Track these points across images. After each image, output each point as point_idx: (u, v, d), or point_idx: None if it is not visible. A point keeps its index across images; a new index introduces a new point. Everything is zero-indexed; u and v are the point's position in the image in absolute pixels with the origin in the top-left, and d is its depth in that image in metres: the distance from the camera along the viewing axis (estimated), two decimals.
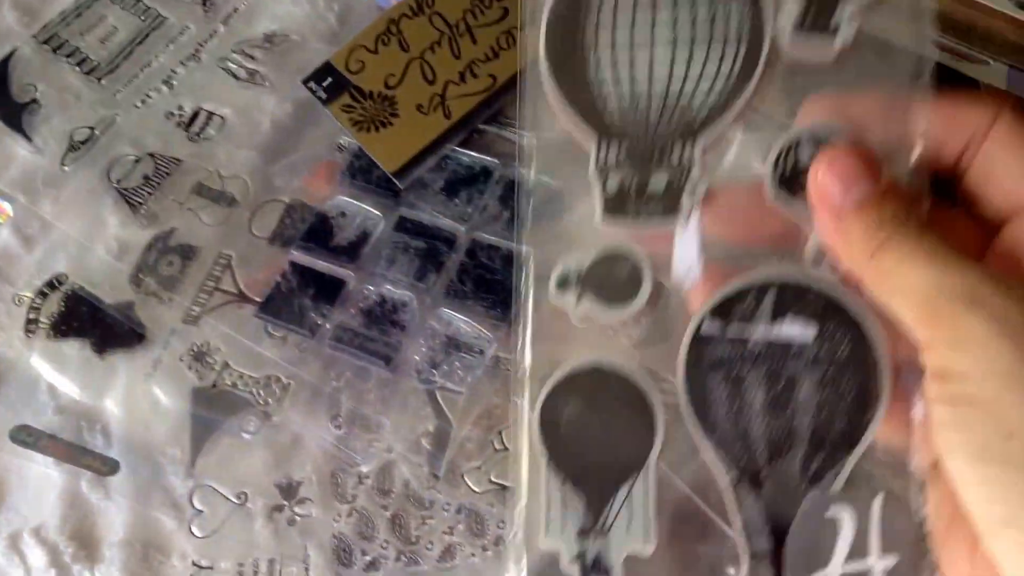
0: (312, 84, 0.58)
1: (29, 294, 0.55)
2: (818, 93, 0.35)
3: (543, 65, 0.37)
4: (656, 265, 0.36)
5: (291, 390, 0.53)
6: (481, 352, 0.52)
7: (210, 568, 0.50)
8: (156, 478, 0.52)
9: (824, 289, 0.35)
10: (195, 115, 0.60)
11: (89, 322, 0.54)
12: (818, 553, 0.35)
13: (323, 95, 0.58)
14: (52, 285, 0.55)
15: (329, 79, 0.58)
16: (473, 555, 0.45)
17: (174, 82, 0.60)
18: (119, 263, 0.55)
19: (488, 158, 0.57)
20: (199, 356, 0.54)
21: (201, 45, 0.61)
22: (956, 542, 0.32)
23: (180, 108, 0.60)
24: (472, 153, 0.57)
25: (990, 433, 0.28)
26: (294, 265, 0.55)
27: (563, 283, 0.37)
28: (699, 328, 0.36)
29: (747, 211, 0.35)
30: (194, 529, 0.51)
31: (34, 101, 0.60)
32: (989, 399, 0.28)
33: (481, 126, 0.57)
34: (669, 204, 0.36)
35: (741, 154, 0.36)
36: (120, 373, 0.54)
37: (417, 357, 0.53)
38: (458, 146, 0.57)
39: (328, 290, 0.54)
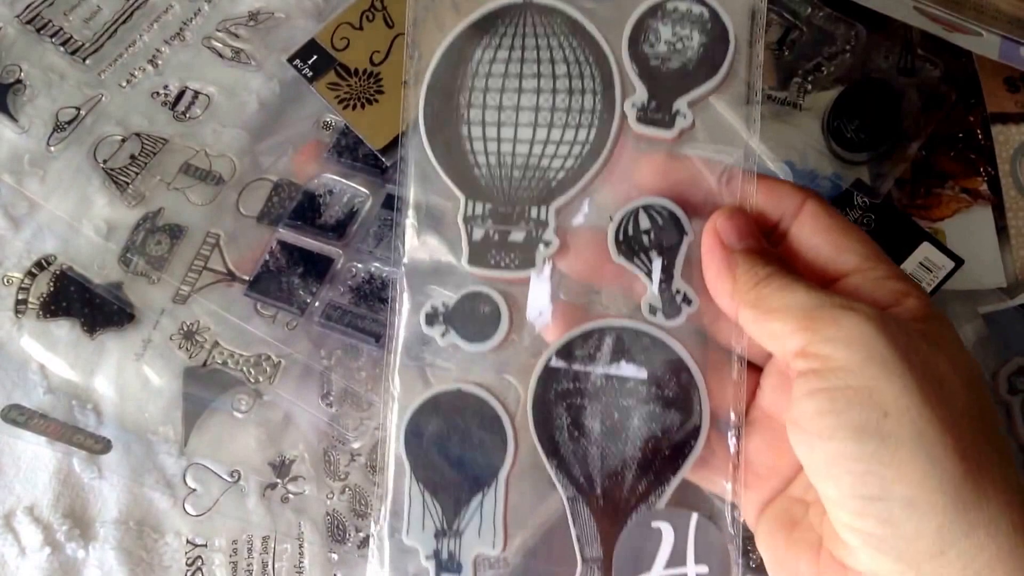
0: (297, 62, 0.58)
1: (18, 275, 0.55)
2: (651, 164, 0.41)
3: (421, 129, 0.43)
4: (513, 306, 0.42)
5: (282, 368, 0.53)
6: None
7: (204, 546, 0.51)
8: (149, 457, 0.52)
9: (657, 336, 0.41)
10: (181, 94, 0.59)
11: (78, 302, 0.55)
12: (642, 560, 0.40)
13: (309, 73, 0.58)
14: (41, 265, 0.56)
15: (314, 57, 0.58)
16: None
17: (159, 61, 0.60)
18: (107, 243, 0.55)
19: None
20: (189, 335, 0.54)
21: (185, 24, 0.61)
22: (799, 557, 0.37)
23: (165, 87, 0.60)
24: None
25: (868, 413, 0.33)
26: (282, 243, 0.56)
27: (431, 318, 0.42)
28: (547, 363, 0.41)
29: (595, 266, 0.41)
30: (188, 507, 0.52)
31: (19, 82, 0.59)
32: (867, 385, 0.33)
33: None
34: (526, 255, 0.42)
35: (589, 215, 0.42)
36: (110, 353, 0.54)
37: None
38: None
39: (317, 268, 0.55)
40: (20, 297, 0.55)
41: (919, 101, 0.56)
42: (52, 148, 0.58)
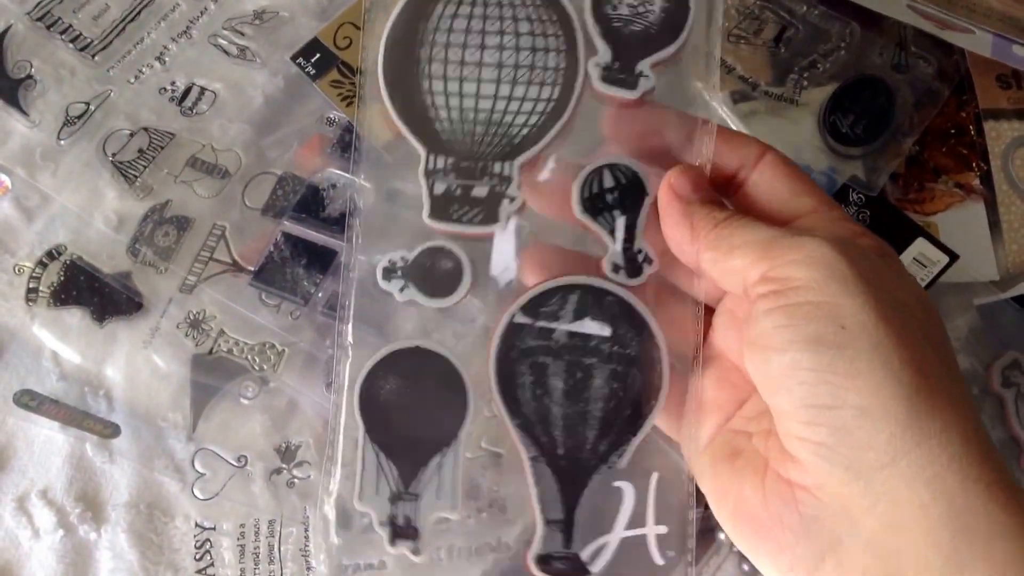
0: (301, 60, 0.60)
1: (29, 264, 0.56)
2: (619, 125, 0.42)
3: (381, 79, 0.42)
4: (476, 262, 0.42)
5: (286, 356, 0.54)
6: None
7: (213, 529, 0.52)
8: (158, 442, 0.54)
9: (619, 295, 0.41)
10: (188, 90, 0.61)
11: (88, 291, 0.56)
12: (603, 521, 0.40)
13: (312, 71, 0.59)
14: (52, 255, 0.57)
15: (317, 55, 0.60)
16: (469, 517, 0.46)
17: (166, 58, 0.62)
18: (117, 234, 0.57)
19: None
20: (196, 323, 0.55)
21: (192, 22, 0.62)
22: (743, 483, 0.37)
23: (173, 84, 0.61)
24: None
25: (826, 325, 0.34)
26: (287, 235, 0.57)
27: (389, 272, 0.42)
28: (512, 319, 0.41)
29: (552, 254, 0.42)
30: (196, 491, 0.53)
31: (29, 77, 0.61)
32: (826, 300, 0.34)
33: None
34: (489, 210, 0.42)
35: (555, 172, 0.42)
36: (120, 340, 0.55)
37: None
38: None
39: (320, 259, 0.56)
40: (31, 286, 0.56)
41: (913, 97, 0.57)
42: (62, 142, 0.59)
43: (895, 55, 0.58)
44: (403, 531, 0.41)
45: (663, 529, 0.40)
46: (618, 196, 0.41)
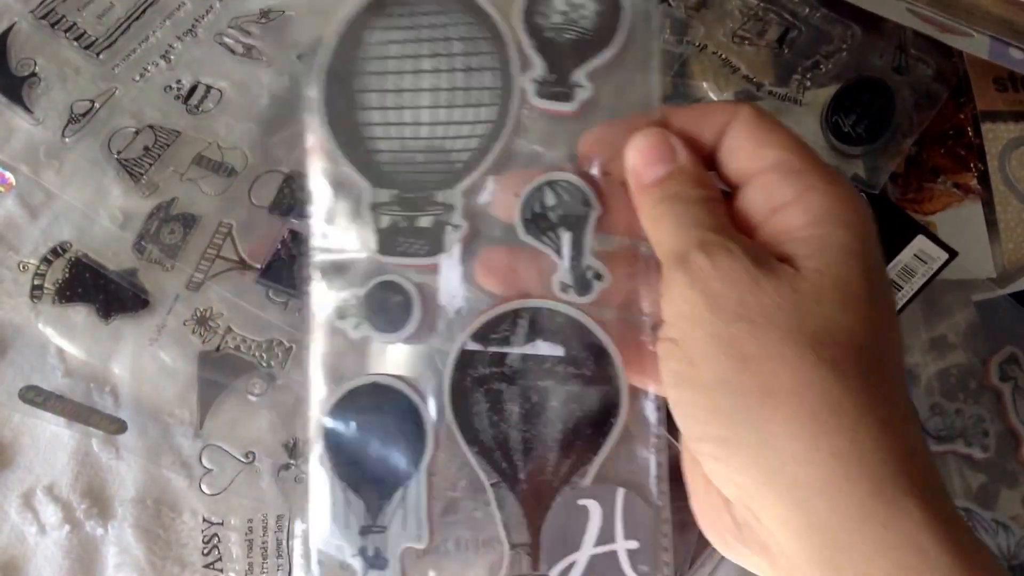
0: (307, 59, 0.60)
1: (34, 261, 0.56)
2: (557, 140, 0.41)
3: (321, 115, 0.42)
4: (424, 293, 0.41)
5: (293, 353, 0.54)
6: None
7: (220, 524, 0.52)
8: (165, 438, 0.53)
9: (570, 314, 0.40)
10: (193, 89, 0.61)
11: (93, 288, 0.56)
12: (570, 540, 0.39)
13: None
14: (56, 252, 0.57)
15: None
16: (476, 511, 0.47)
17: (172, 57, 0.62)
18: (122, 231, 0.57)
19: None
20: (202, 320, 0.55)
21: (198, 20, 0.62)
22: (697, 477, 0.37)
23: (178, 82, 0.61)
24: None
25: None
26: (294, 233, 0.57)
27: (342, 311, 0.41)
28: (463, 347, 0.40)
29: (504, 252, 0.41)
30: (204, 487, 0.53)
31: (33, 74, 0.60)
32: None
33: None
34: (435, 240, 0.41)
35: (496, 195, 0.41)
36: (126, 338, 0.55)
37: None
38: None
39: None
40: (36, 283, 0.56)
41: (912, 99, 0.58)
42: (67, 139, 0.59)
43: (895, 57, 0.58)
44: (374, 562, 0.41)
45: (634, 544, 0.39)
46: (561, 213, 0.40)
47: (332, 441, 0.41)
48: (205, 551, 0.52)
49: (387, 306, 0.41)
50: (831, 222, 0.35)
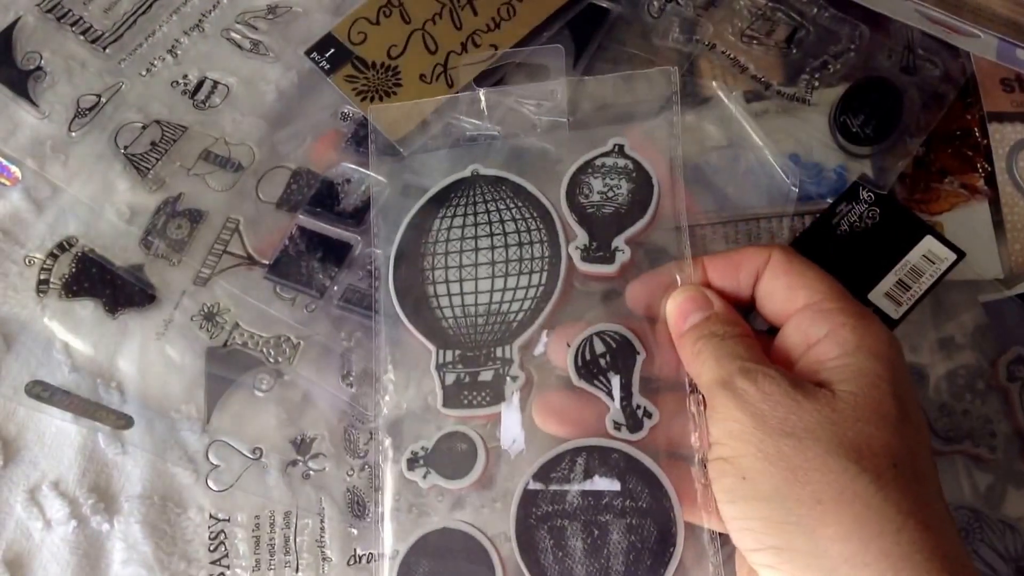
0: (315, 55, 0.60)
1: (40, 255, 0.56)
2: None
3: (392, 294, 0.49)
4: (488, 440, 0.46)
5: (301, 349, 0.54)
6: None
7: (227, 520, 0.52)
8: (171, 434, 0.53)
9: (624, 450, 0.44)
10: (200, 84, 0.61)
11: (100, 283, 0.56)
12: None
13: (326, 65, 0.59)
14: (62, 247, 0.56)
15: (332, 50, 0.60)
16: (483, 507, 0.47)
17: (178, 51, 0.61)
18: (129, 226, 0.56)
19: (490, 126, 0.58)
20: (210, 316, 0.55)
21: (205, 16, 0.62)
22: None
23: (185, 77, 0.61)
24: (475, 121, 0.58)
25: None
26: (301, 229, 0.57)
27: (412, 463, 0.46)
28: (526, 487, 0.44)
29: (560, 396, 0.46)
30: (210, 483, 0.52)
31: (39, 68, 0.60)
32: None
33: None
34: (496, 391, 0.46)
35: (550, 346, 0.47)
36: (132, 333, 0.55)
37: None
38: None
39: (335, 253, 0.56)
40: (42, 277, 0.56)
41: (920, 99, 0.58)
42: (73, 133, 0.59)
43: (903, 57, 0.58)
44: None
45: None
46: (610, 359, 0.45)
47: None
48: (211, 547, 0.52)
49: (454, 454, 0.46)
50: (862, 353, 0.39)
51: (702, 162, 0.57)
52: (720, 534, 0.42)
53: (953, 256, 0.55)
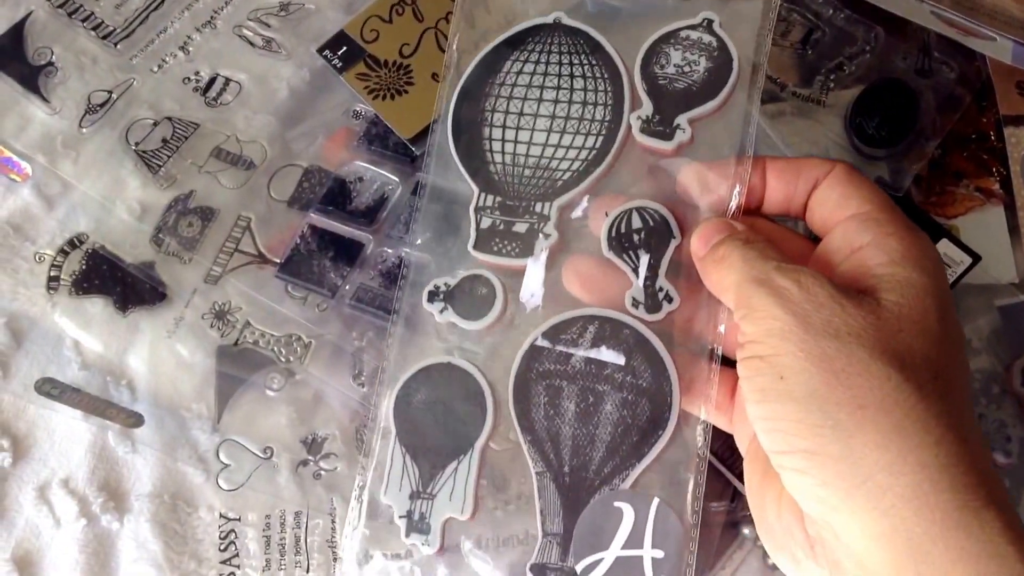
0: (327, 53, 0.59)
1: (50, 252, 0.56)
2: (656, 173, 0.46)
3: (448, 126, 0.48)
4: (509, 290, 0.46)
5: (312, 348, 0.54)
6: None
7: (237, 520, 0.52)
8: (182, 432, 0.53)
9: (637, 328, 0.43)
10: (212, 81, 0.60)
11: (111, 280, 0.55)
12: (601, 538, 0.42)
13: (338, 63, 0.59)
14: (73, 244, 0.56)
15: (344, 48, 0.59)
16: (496, 508, 0.46)
17: (190, 48, 0.61)
18: (140, 224, 0.56)
19: None
20: (221, 314, 0.55)
21: (217, 12, 0.62)
22: (766, 496, 0.40)
23: (197, 74, 0.60)
24: None
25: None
26: (313, 228, 0.56)
27: (433, 296, 0.46)
28: (533, 342, 0.44)
29: (590, 262, 0.45)
30: (221, 482, 0.52)
31: (50, 64, 0.60)
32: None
33: None
34: (526, 244, 0.46)
35: (589, 212, 0.46)
36: (143, 330, 0.55)
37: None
38: None
39: (347, 252, 0.56)
40: (52, 274, 0.55)
41: (935, 102, 0.57)
42: (84, 130, 0.58)
43: (919, 60, 0.58)
44: (417, 526, 0.44)
45: (659, 553, 0.42)
46: (644, 236, 0.44)
47: (401, 410, 0.45)
48: (222, 547, 0.51)
49: (474, 296, 0.46)
50: (908, 263, 0.38)
51: None
52: (714, 428, 0.43)
53: (969, 260, 0.55)
